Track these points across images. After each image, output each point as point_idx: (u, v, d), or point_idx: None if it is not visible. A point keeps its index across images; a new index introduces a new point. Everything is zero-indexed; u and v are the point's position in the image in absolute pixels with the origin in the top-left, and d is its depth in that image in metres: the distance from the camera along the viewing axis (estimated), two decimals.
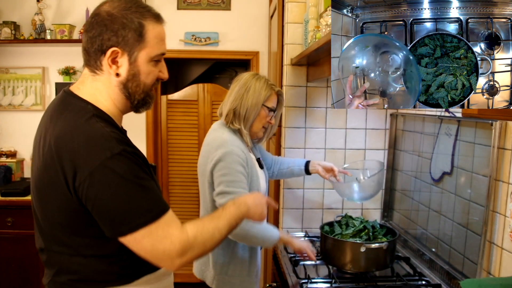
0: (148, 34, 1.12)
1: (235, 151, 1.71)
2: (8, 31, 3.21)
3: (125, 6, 1.11)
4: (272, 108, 1.84)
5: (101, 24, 1.09)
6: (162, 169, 3.61)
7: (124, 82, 1.13)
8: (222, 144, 1.73)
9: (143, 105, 1.20)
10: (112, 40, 1.09)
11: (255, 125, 1.83)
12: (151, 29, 1.13)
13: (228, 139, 1.75)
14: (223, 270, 1.81)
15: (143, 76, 1.14)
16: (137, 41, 1.11)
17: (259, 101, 1.79)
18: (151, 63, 1.15)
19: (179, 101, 3.61)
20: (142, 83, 1.15)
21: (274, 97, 1.85)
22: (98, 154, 1.02)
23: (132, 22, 1.10)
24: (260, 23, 3.36)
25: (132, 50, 1.11)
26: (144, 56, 1.13)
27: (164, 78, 1.21)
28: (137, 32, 1.10)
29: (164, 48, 1.18)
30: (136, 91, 1.15)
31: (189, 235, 1.08)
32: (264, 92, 1.80)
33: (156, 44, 1.15)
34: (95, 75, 1.14)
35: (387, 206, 2.42)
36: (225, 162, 1.69)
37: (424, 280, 1.79)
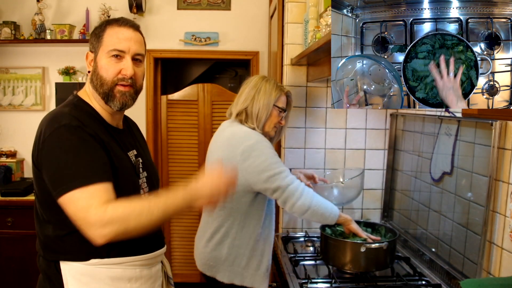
0: (105, 34, 1.32)
1: (263, 140, 1.79)
2: (8, 31, 3.21)
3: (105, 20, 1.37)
4: (282, 108, 1.89)
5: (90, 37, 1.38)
6: (162, 169, 3.61)
7: (91, 77, 1.34)
8: (246, 135, 1.80)
9: (110, 99, 1.32)
10: (90, 46, 1.36)
11: (267, 125, 1.88)
12: (109, 29, 1.32)
13: (251, 131, 1.82)
14: (236, 262, 1.84)
15: (101, 70, 1.31)
16: (97, 41, 1.33)
17: (270, 101, 1.84)
18: (108, 58, 1.31)
19: (179, 101, 3.61)
20: (100, 76, 1.31)
21: (284, 98, 1.90)
22: (51, 126, 1.21)
23: (99, 29, 1.33)
24: (260, 23, 3.36)
25: (96, 51, 1.33)
26: (101, 52, 1.31)
27: (126, 74, 1.32)
28: (98, 36, 1.33)
29: (123, 45, 1.31)
30: (97, 84, 1.32)
31: (107, 210, 1.14)
32: (275, 92, 1.86)
33: (111, 41, 1.31)
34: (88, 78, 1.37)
35: (387, 206, 2.42)
36: (259, 150, 1.76)
37: (424, 280, 1.79)
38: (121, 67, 1.31)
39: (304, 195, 1.75)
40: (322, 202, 1.79)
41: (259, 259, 1.86)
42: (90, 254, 1.27)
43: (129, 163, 1.35)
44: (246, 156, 1.75)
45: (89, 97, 1.36)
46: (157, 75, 3.54)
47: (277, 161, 1.76)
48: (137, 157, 1.42)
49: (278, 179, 1.73)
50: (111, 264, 1.29)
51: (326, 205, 1.79)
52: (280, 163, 1.77)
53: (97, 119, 1.32)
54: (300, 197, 1.74)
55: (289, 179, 1.75)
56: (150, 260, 1.39)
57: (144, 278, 1.37)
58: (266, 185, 1.75)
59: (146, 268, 1.37)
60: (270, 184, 1.74)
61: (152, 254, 1.39)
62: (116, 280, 1.30)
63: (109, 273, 1.29)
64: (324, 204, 1.79)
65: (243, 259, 1.83)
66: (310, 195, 1.76)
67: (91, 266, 1.27)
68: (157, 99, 3.54)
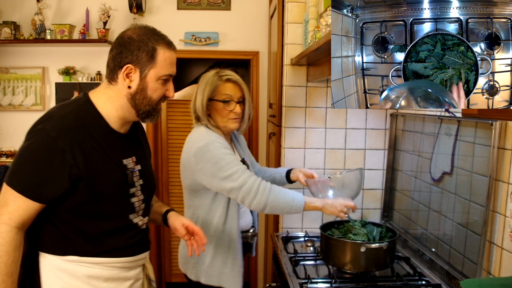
0: (159, 57, 1.32)
1: (213, 139, 1.75)
2: (8, 31, 3.21)
3: (144, 32, 1.33)
4: (225, 99, 1.82)
5: (122, 45, 1.32)
6: (162, 169, 3.61)
7: (133, 94, 1.34)
8: (199, 138, 1.78)
9: (147, 116, 1.39)
10: (128, 58, 1.31)
11: (217, 120, 1.85)
12: (162, 53, 1.33)
13: (204, 133, 1.80)
14: (201, 260, 1.84)
15: (150, 91, 1.34)
16: (148, 61, 1.31)
17: (204, 98, 1.82)
18: (159, 81, 1.34)
19: (179, 101, 3.61)
20: (148, 97, 1.35)
21: (226, 87, 1.83)
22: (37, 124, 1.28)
23: (146, 45, 1.31)
24: (260, 23, 3.36)
25: (143, 68, 1.32)
26: (152, 74, 1.33)
27: (170, 96, 1.40)
28: (149, 54, 1.31)
29: (172, 70, 1.37)
30: (142, 103, 1.35)
31: None
32: (209, 87, 1.82)
33: (165, 66, 1.34)
34: (109, 85, 1.36)
35: (387, 206, 2.42)
36: (210, 152, 1.72)
37: (424, 280, 1.79)
38: (167, 88, 1.37)
39: (260, 192, 1.69)
40: (281, 196, 1.71)
41: (224, 257, 1.84)
42: (68, 250, 1.31)
43: (118, 171, 1.36)
44: (199, 158, 1.74)
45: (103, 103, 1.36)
46: None
47: (228, 162, 1.71)
48: (136, 164, 1.42)
49: (230, 181, 1.70)
50: (88, 263, 1.32)
51: (285, 198, 1.72)
52: (232, 163, 1.72)
53: (99, 123, 1.34)
54: (256, 196, 1.68)
55: (242, 179, 1.70)
56: (130, 263, 1.41)
57: (122, 279, 1.39)
58: (220, 187, 1.73)
59: (125, 270, 1.39)
60: (223, 185, 1.71)
61: (132, 258, 1.41)
62: (93, 278, 1.33)
63: (86, 272, 1.32)
64: (283, 198, 1.71)
65: (207, 257, 1.83)
66: (266, 191, 1.70)
67: (69, 262, 1.31)
68: None
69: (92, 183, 1.28)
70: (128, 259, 1.39)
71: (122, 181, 1.36)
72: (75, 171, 1.24)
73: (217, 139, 1.77)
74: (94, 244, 1.33)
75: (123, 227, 1.38)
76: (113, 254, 1.36)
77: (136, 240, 1.42)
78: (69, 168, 1.24)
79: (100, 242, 1.34)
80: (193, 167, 1.77)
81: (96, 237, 1.33)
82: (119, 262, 1.37)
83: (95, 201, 1.30)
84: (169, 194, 3.65)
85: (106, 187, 1.32)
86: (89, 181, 1.27)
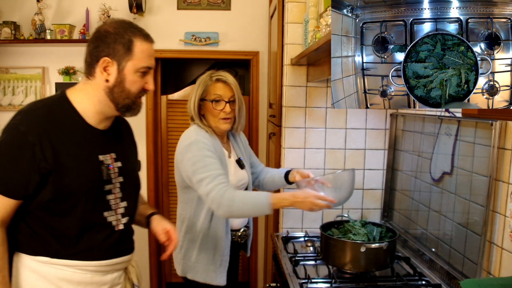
0: (136, 49, 1.31)
1: (199, 139, 1.79)
2: (8, 31, 3.20)
3: (120, 25, 1.33)
4: (215, 99, 1.86)
5: (99, 39, 1.31)
6: (162, 169, 3.61)
7: (111, 87, 1.32)
8: (187, 136, 1.83)
9: (127, 110, 1.37)
10: (105, 51, 1.30)
11: (210, 120, 1.88)
12: (139, 45, 1.32)
13: (193, 131, 1.85)
14: (187, 255, 1.86)
15: (128, 84, 1.33)
16: (125, 53, 1.30)
17: (196, 98, 1.87)
18: (137, 74, 1.33)
19: (179, 101, 3.61)
20: (126, 90, 1.33)
21: (215, 87, 1.87)
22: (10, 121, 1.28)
23: (122, 38, 1.30)
24: (260, 23, 3.36)
25: (120, 61, 1.31)
26: (130, 66, 1.31)
27: (149, 89, 1.38)
28: (126, 46, 1.30)
29: (150, 63, 1.36)
30: (121, 96, 1.33)
31: None
32: (200, 88, 1.87)
33: (143, 58, 1.33)
34: (87, 81, 1.35)
35: (387, 206, 2.42)
36: (191, 152, 1.76)
37: (424, 280, 1.79)
38: (145, 81, 1.36)
39: (224, 202, 1.65)
40: (246, 203, 1.67)
41: (211, 254, 1.85)
42: (39, 250, 1.30)
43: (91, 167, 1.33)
44: (183, 156, 1.79)
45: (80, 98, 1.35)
46: (157, 75, 3.53)
47: (204, 165, 1.72)
48: (116, 161, 1.40)
49: (201, 186, 1.70)
50: (59, 265, 1.30)
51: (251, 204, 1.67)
52: (207, 167, 1.71)
53: (73, 118, 1.33)
54: (220, 205, 1.66)
55: (210, 186, 1.68)
56: (105, 267, 1.37)
57: (96, 284, 1.35)
58: (197, 190, 1.75)
59: (99, 274, 1.35)
60: (196, 189, 1.75)
61: (107, 262, 1.37)
62: (64, 281, 1.30)
63: (57, 274, 1.30)
64: (248, 204, 1.67)
65: (193, 253, 1.86)
66: (230, 199, 1.65)
67: (40, 263, 1.29)
68: (157, 99, 3.54)
69: (61, 177, 1.26)
70: (102, 263, 1.35)
71: (96, 176, 1.34)
72: (44, 165, 1.24)
73: (203, 139, 1.79)
74: (65, 245, 1.30)
75: (96, 226, 1.35)
76: (85, 256, 1.32)
77: (111, 242, 1.38)
78: (38, 162, 1.23)
79: (72, 242, 1.31)
80: (178, 164, 1.83)
81: (68, 236, 1.30)
82: (92, 266, 1.33)
83: (65, 196, 1.28)
84: (169, 194, 3.65)
85: (76, 182, 1.29)
86: (58, 175, 1.26)
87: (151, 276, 3.51)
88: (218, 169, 1.73)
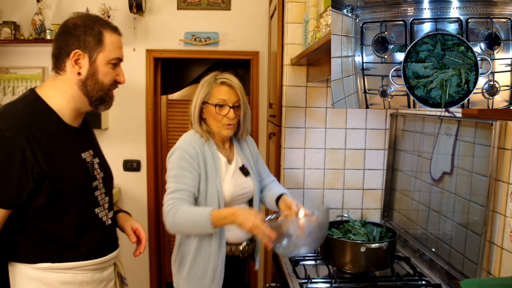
0: (106, 40, 1.31)
1: (184, 147, 1.74)
2: (8, 31, 3.20)
3: (87, 18, 1.33)
4: (218, 103, 1.76)
5: (67, 32, 1.30)
6: (162, 169, 3.61)
7: (84, 80, 1.31)
8: (179, 141, 1.80)
9: (101, 103, 1.36)
10: (75, 44, 1.28)
11: (212, 125, 1.80)
12: (109, 36, 1.32)
13: (184, 138, 1.80)
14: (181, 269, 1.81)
15: (101, 75, 1.32)
16: (96, 45, 1.30)
17: (198, 102, 1.79)
18: (109, 65, 1.33)
19: (179, 101, 3.61)
20: (100, 82, 1.32)
21: (220, 90, 1.77)
22: None
23: (92, 29, 1.30)
24: (260, 23, 3.36)
25: (92, 53, 1.30)
26: (102, 58, 1.31)
27: (121, 81, 1.38)
28: (96, 38, 1.30)
29: (120, 54, 1.36)
30: (94, 89, 1.32)
31: None
32: (204, 90, 1.78)
33: (113, 49, 1.33)
34: (57, 76, 1.32)
35: (387, 206, 2.42)
36: (172, 157, 1.75)
37: (424, 280, 1.79)
38: (117, 73, 1.36)
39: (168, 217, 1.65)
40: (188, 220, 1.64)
41: (204, 269, 1.75)
42: (39, 257, 1.26)
43: (79, 166, 1.33)
44: (168, 160, 1.78)
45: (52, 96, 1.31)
46: (157, 75, 3.53)
47: (173, 175, 1.71)
48: (94, 157, 1.40)
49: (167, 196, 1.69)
50: (61, 268, 1.28)
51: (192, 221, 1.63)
52: (174, 178, 1.71)
53: (52, 118, 1.30)
54: (165, 220, 1.66)
55: (165, 198, 1.69)
56: (102, 264, 1.38)
57: (96, 282, 1.36)
58: None
59: (97, 272, 1.37)
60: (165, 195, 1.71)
61: (104, 258, 1.38)
62: (66, 284, 1.30)
63: (59, 278, 1.28)
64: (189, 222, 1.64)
65: (185, 266, 1.78)
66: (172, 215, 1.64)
67: (40, 270, 1.26)
68: (157, 99, 3.54)
69: (56, 180, 1.24)
70: (101, 260, 1.37)
71: (85, 175, 1.34)
72: (37, 170, 1.20)
73: (188, 148, 1.74)
74: (65, 247, 1.29)
75: (91, 224, 1.35)
76: (86, 255, 1.33)
77: (105, 238, 1.40)
78: (31, 167, 1.19)
79: (72, 244, 1.30)
80: None
81: (66, 238, 1.29)
82: (93, 264, 1.34)
83: (60, 199, 1.26)
84: None
85: (71, 183, 1.28)
86: (53, 178, 1.23)
87: (151, 276, 3.51)
88: (185, 183, 1.69)
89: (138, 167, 3.43)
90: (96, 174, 1.38)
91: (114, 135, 3.37)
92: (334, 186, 2.42)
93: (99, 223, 1.38)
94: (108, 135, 3.36)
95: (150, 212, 3.48)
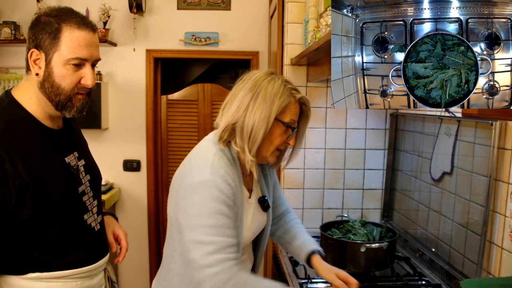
0: (63, 37, 1.16)
1: (216, 182, 1.23)
2: (8, 31, 3.20)
3: (54, 12, 1.18)
4: (290, 123, 1.32)
5: (30, 29, 1.19)
6: (162, 169, 3.61)
7: (42, 82, 1.19)
8: (202, 166, 1.27)
9: (63, 108, 1.22)
10: (34, 42, 1.17)
11: (264, 147, 1.31)
12: (68, 33, 1.16)
13: (214, 162, 1.27)
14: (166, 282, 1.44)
15: (57, 78, 1.18)
16: (51, 43, 1.16)
17: (270, 114, 1.27)
18: (67, 66, 1.18)
19: (179, 101, 3.61)
20: (56, 85, 1.18)
21: (295, 107, 1.33)
22: None
23: (50, 26, 1.16)
24: (260, 23, 3.36)
25: (48, 52, 1.16)
26: (57, 58, 1.17)
27: (87, 85, 1.21)
28: (52, 35, 1.15)
29: (83, 53, 1.18)
30: (52, 92, 1.19)
31: None
32: (279, 100, 1.28)
33: (72, 48, 1.17)
34: (27, 76, 1.23)
35: (387, 206, 2.42)
36: (201, 197, 1.23)
37: (424, 280, 1.79)
38: (81, 75, 1.20)
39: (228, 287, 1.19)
40: None
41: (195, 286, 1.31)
42: (26, 268, 1.20)
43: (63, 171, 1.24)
44: (187, 195, 1.26)
45: (26, 98, 1.22)
46: (157, 75, 3.54)
47: (211, 225, 1.21)
48: (79, 159, 1.32)
49: (197, 250, 1.22)
50: (50, 278, 1.24)
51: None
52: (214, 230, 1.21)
53: (31, 123, 1.21)
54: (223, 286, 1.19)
55: (212, 259, 1.20)
56: (92, 271, 1.33)
57: None
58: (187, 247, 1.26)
59: (87, 279, 1.32)
60: (188, 249, 1.25)
61: (94, 266, 1.33)
62: None
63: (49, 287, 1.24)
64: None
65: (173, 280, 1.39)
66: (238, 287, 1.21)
67: (29, 280, 1.21)
68: (157, 99, 3.54)
69: (39, 191, 1.16)
70: (90, 268, 1.31)
71: (69, 181, 1.26)
72: (19, 182, 1.12)
73: (222, 183, 1.24)
74: (54, 257, 1.23)
75: (80, 231, 1.29)
76: (75, 264, 1.27)
77: (94, 244, 1.34)
78: (12, 180, 1.11)
79: (60, 253, 1.24)
80: (178, 198, 1.30)
81: (54, 248, 1.23)
82: (82, 272, 1.29)
83: (46, 209, 1.18)
84: None
85: (55, 192, 1.20)
86: (35, 189, 1.15)
87: (151, 276, 3.51)
88: (231, 235, 1.24)
89: (138, 167, 3.43)
90: (81, 178, 1.30)
91: (114, 135, 3.37)
92: (334, 186, 2.42)
93: (88, 230, 1.32)
94: (108, 135, 3.36)
95: (150, 212, 3.48)
